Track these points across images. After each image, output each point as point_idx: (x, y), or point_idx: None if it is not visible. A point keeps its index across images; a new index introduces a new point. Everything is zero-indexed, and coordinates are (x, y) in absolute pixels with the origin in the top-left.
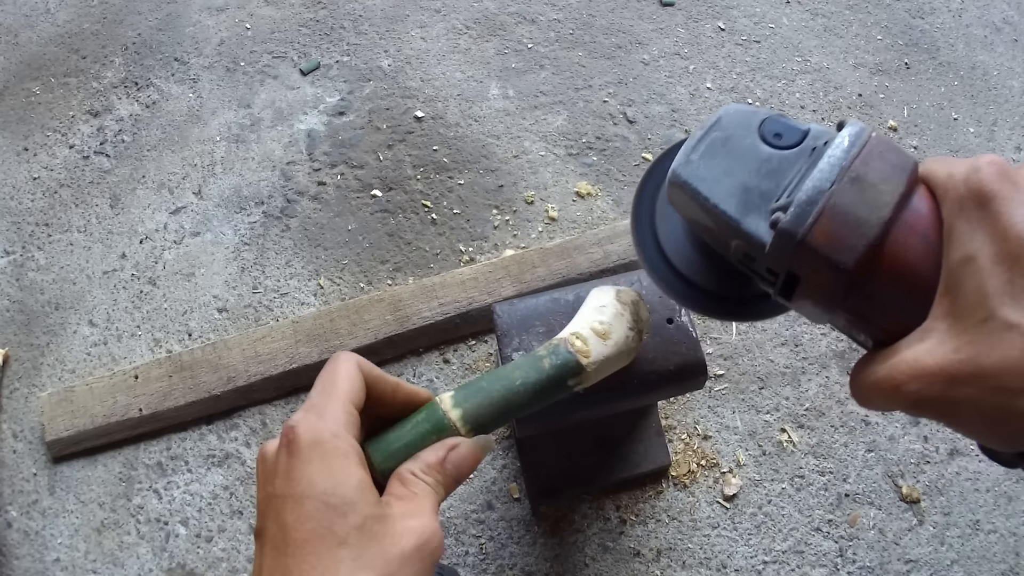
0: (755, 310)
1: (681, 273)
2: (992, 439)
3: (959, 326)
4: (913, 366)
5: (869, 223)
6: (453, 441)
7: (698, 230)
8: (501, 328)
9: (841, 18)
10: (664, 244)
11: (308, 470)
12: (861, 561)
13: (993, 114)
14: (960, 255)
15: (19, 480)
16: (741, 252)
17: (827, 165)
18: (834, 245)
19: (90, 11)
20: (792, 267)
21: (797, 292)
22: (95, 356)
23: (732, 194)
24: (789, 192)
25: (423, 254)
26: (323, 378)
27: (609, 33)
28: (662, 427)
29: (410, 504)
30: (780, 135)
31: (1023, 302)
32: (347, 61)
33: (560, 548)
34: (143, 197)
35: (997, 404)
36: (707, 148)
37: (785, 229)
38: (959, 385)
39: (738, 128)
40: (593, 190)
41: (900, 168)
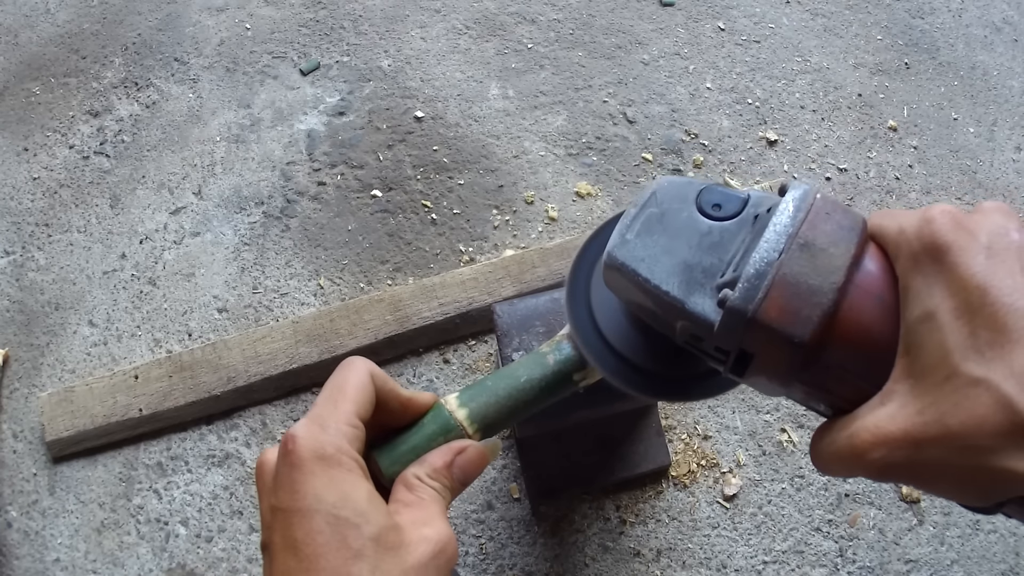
0: (705, 387)
1: (626, 357)
2: (965, 498)
3: (921, 386)
4: (875, 433)
5: (822, 291)
6: (460, 444)
7: (639, 312)
8: (501, 328)
9: (841, 18)
10: (603, 326)
11: (313, 483)
12: (861, 561)
13: (993, 114)
14: (918, 312)
15: (19, 480)
16: (687, 333)
17: (773, 234)
18: (788, 319)
19: (90, 11)
20: (743, 345)
21: (750, 369)
22: (95, 356)
23: (674, 273)
24: (735, 266)
25: (423, 254)
26: (332, 384)
27: (609, 33)
28: (662, 427)
29: (419, 511)
30: (719, 205)
31: (987, 355)
32: (347, 61)
33: (560, 548)
34: (143, 197)
35: (967, 465)
36: (643, 225)
37: (734, 307)
38: (925, 448)
39: (674, 202)
40: (593, 190)
41: (849, 228)
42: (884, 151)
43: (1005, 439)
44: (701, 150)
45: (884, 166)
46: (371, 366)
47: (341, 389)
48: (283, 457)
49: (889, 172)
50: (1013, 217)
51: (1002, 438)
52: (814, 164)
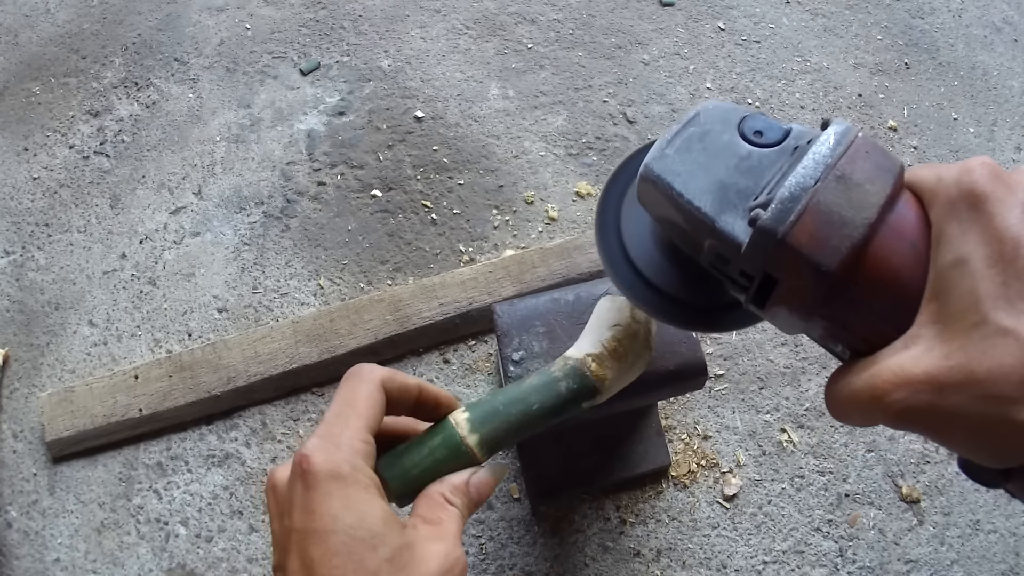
0: (723, 320)
1: (647, 278)
2: (980, 453)
3: (949, 331)
4: (898, 374)
5: (854, 224)
6: (474, 468)
7: (668, 230)
8: (501, 328)
9: (841, 18)
10: (629, 248)
11: (329, 504)
12: (861, 561)
13: (993, 114)
14: (951, 257)
15: (19, 480)
16: (714, 253)
17: (812, 162)
18: (816, 246)
19: (90, 11)
20: (769, 269)
21: (772, 297)
22: (95, 356)
23: (708, 191)
24: (770, 189)
25: (423, 254)
26: (342, 397)
27: (609, 33)
28: (662, 427)
29: (436, 528)
30: (761, 132)
31: (1018, 306)
32: (347, 61)
33: (560, 548)
34: (143, 197)
35: (989, 414)
36: (683, 143)
37: (765, 227)
38: (948, 393)
39: (717, 124)
40: (593, 190)
41: (886, 169)
42: None
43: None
44: None
45: None
46: (381, 373)
47: (351, 403)
48: (298, 477)
49: None
50: None
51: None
52: None
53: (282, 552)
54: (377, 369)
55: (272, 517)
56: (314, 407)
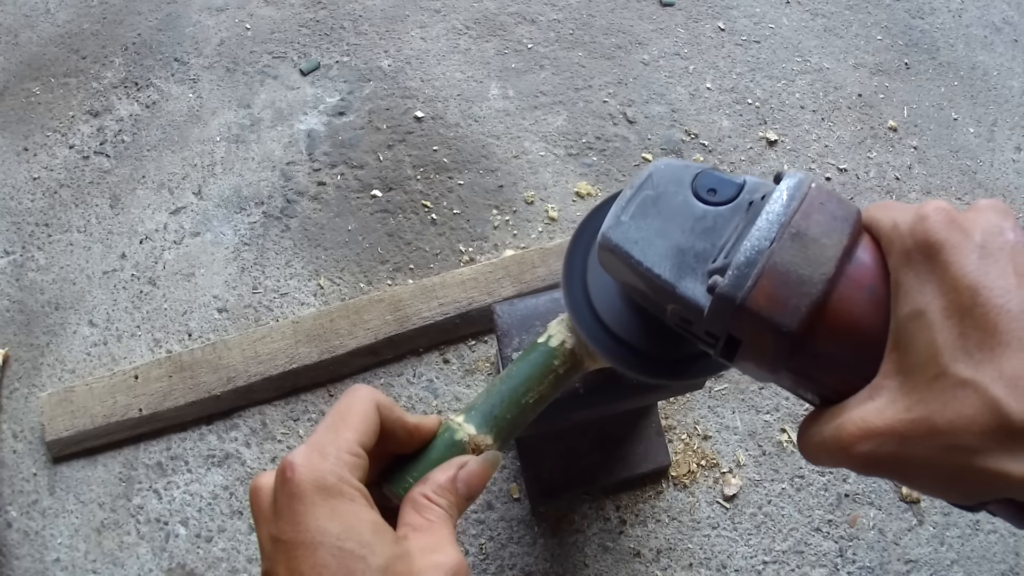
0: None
1: (617, 335)
2: (948, 496)
3: (909, 383)
4: (861, 427)
5: (812, 281)
6: (461, 459)
7: (632, 293)
8: (501, 328)
9: (841, 18)
10: (597, 306)
11: (315, 514)
12: (861, 561)
13: (993, 114)
14: (908, 309)
15: (19, 480)
16: (678, 316)
17: (765, 222)
18: (776, 308)
19: (90, 11)
20: (732, 331)
21: (739, 354)
22: (95, 356)
23: (666, 256)
24: (726, 252)
25: (423, 254)
26: (335, 411)
27: (609, 33)
28: (662, 427)
29: (428, 536)
30: (714, 190)
31: (976, 357)
32: (347, 61)
33: (560, 548)
34: (143, 197)
35: (951, 463)
36: (638, 207)
37: (723, 294)
38: (911, 444)
39: (670, 184)
40: (593, 190)
41: (843, 219)
42: (884, 151)
43: (991, 441)
44: (701, 150)
45: (884, 166)
46: (376, 395)
47: (343, 417)
48: (282, 485)
49: (889, 172)
50: (1009, 216)
51: (988, 439)
52: (814, 164)
53: (270, 561)
54: (376, 392)
55: (257, 523)
56: (314, 407)
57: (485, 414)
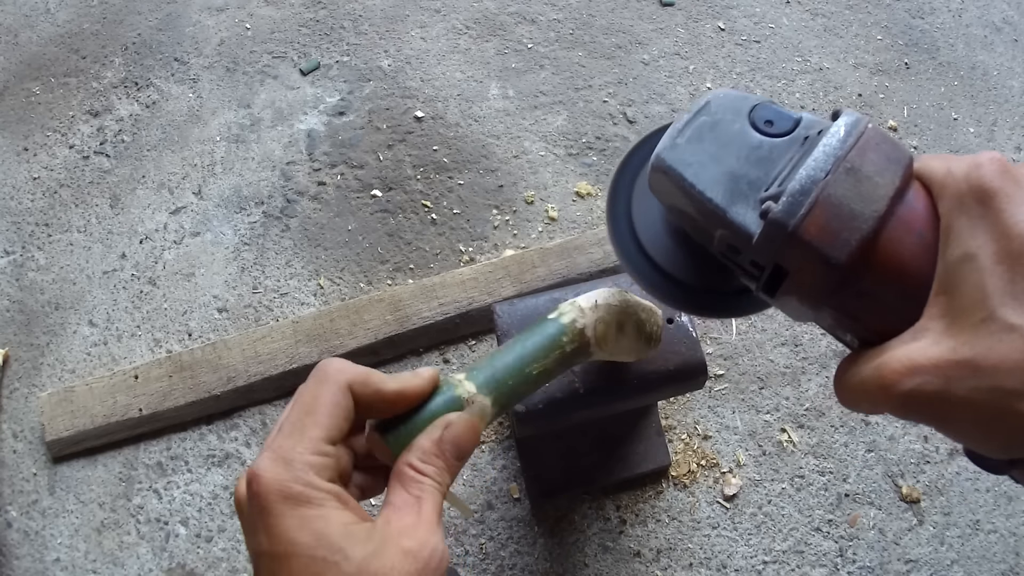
0: (733, 306)
1: (657, 264)
2: (985, 444)
3: (957, 325)
4: (907, 364)
5: (864, 216)
6: (446, 419)
7: (680, 219)
8: (501, 328)
9: (841, 18)
10: (640, 233)
11: (285, 525)
12: (861, 561)
13: (993, 114)
14: (959, 253)
15: (19, 480)
16: (725, 243)
17: (822, 154)
18: (826, 239)
19: (90, 11)
20: (780, 260)
21: (783, 287)
22: (95, 356)
23: (719, 181)
24: (780, 181)
25: (423, 254)
26: (299, 402)
27: (609, 33)
28: (662, 427)
29: (408, 515)
30: (771, 122)
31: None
32: (347, 61)
33: (560, 548)
34: (143, 197)
35: (994, 406)
36: (694, 132)
37: (776, 219)
38: (955, 383)
39: (727, 113)
40: (593, 190)
41: (896, 161)
42: None
43: None
44: None
45: None
46: (347, 373)
47: (309, 411)
48: (250, 499)
49: None
50: None
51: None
52: None
53: (257, 572)
54: (347, 369)
55: (244, 534)
56: None
57: (488, 376)
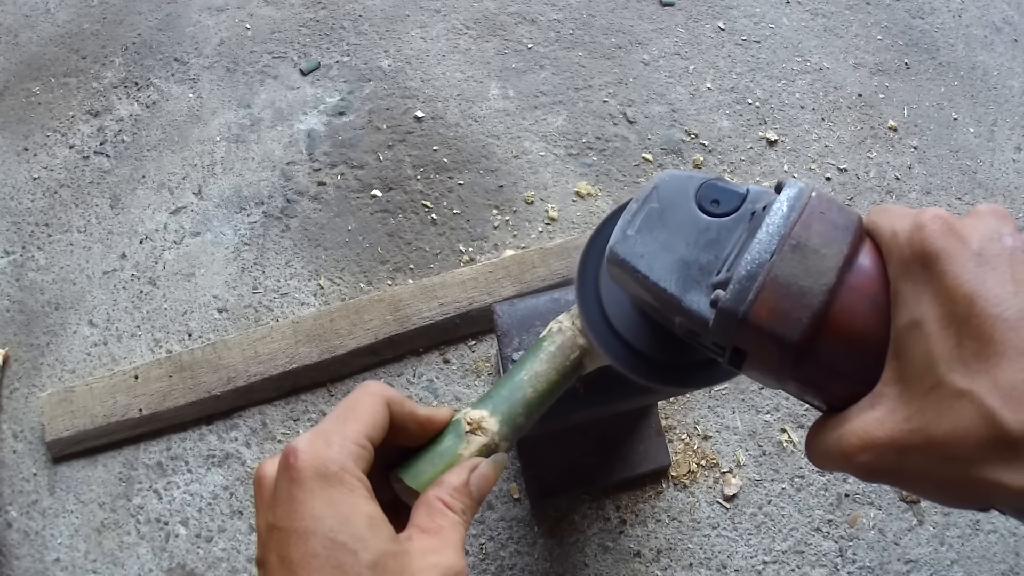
0: (705, 376)
1: (629, 343)
2: (948, 503)
3: (908, 393)
4: (862, 437)
5: (813, 292)
6: (473, 461)
7: (642, 305)
8: (501, 328)
9: (841, 18)
10: (609, 311)
11: (313, 503)
12: (861, 561)
13: (993, 114)
14: (906, 319)
15: (19, 480)
16: (685, 328)
17: (766, 235)
18: (778, 320)
19: (90, 11)
20: (736, 343)
21: (745, 364)
22: (95, 356)
23: (671, 270)
24: (729, 265)
25: (423, 254)
26: (344, 404)
27: (609, 33)
28: (662, 427)
29: (435, 538)
30: (718, 201)
31: (972, 367)
32: (347, 61)
33: (560, 548)
34: (143, 197)
35: (950, 473)
36: (643, 221)
37: (726, 307)
38: (910, 456)
39: (675, 197)
40: (593, 190)
41: (843, 228)
42: (884, 151)
43: (986, 451)
44: (701, 150)
45: (884, 166)
46: (387, 390)
47: (352, 409)
48: (283, 471)
49: (889, 172)
50: (1008, 220)
51: (984, 450)
52: (814, 164)
53: (263, 548)
54: (388, 389)
55: (257, 510)
56: (314, 407)
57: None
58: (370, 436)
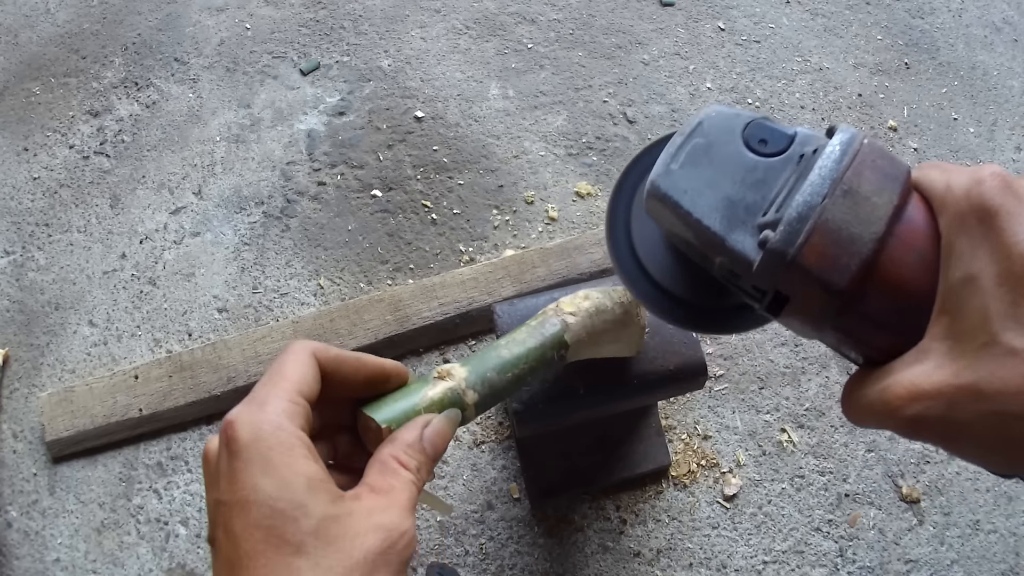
0: (736, 321)
1: (657, 282)
2: (990, 463)
3: (958, 348)
4: (910, 389)
5: (863, 240)
6: (425, 418)
7: (679, 243)
8: (501, 328)
9: (841, 18)
10: (639, 250)
11: (251, 471)
12: (861, 561)
13: (993, 114)
14: (961, 274)
15: (19, 480)
16: (726, 269)
17: (818, 177)
18: (826, 265)
19: (90, 11)
20: (780, 287)
21: (786, 310)
22: (95, 356)
23: (716, 208)
24: (777, 206)
25: (423, 254)
26: (270, 369)
27: (609, 33)
28: (662, 427)
29: (383, 498)
30: (765, 141)
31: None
32: (347, 61)
33: (560, 548)
34: (143, 197)
35: (997, 430)
36: (688, 156)
37: (774, 249)
38: (958, 408)
39: (721, 133)
40: (593, 190)
41: (893, 178)
42: None
43: None
44: None
45: None
46: (312, 344)
47: (279, 371)
48: (223, 445)
49: None
50: None
51: None
52: None
53: (212, 525)
54: (309, 342)
55: (206, 489)
56: None
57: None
58: (301, 391)
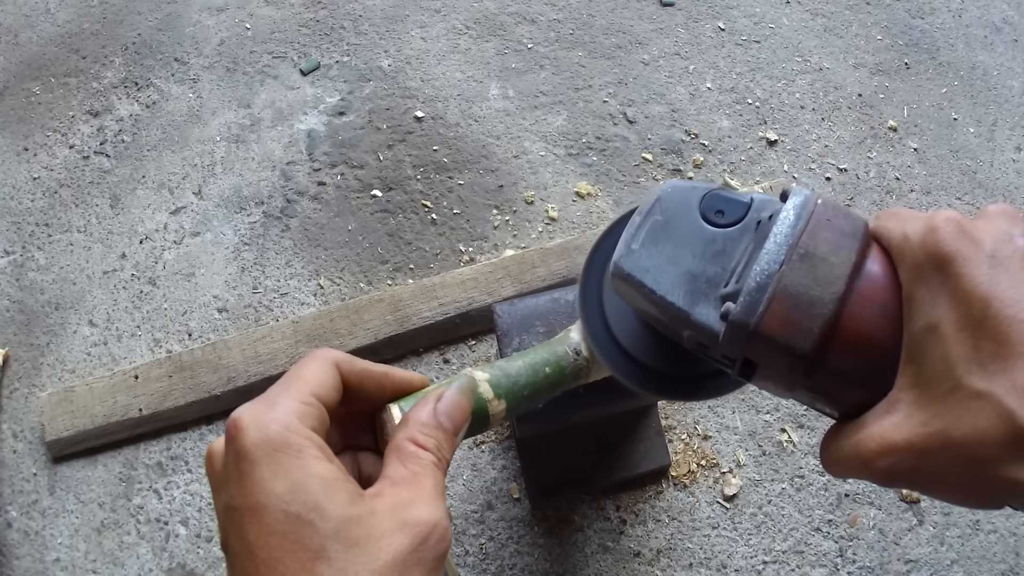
0: (713, 387)
1: (634, 357)
2: (965, 503)
3: (925, 397)
4: (880, 443)
5: (823, 301)
6: (436, 391)
7: (649, 319)
8: (501, 328)
9: (841, 18)
10: (614, 327)
11: (261, 474)
12: (861, 561)
13: (993, 114)
14: (922, 324)
15: (19, 480)
16: (694, 341)
17: (774, 244)
18: (789, 331)
19: (90, 11)
20: (747, 355)
21: (756, 375)
22: (95, 356)
23: (679, 283)
24: (737, 277)
25: (423, 254)
26: (288, 372)
27: (609, 33)
28: (662, 427)
29: (407, 490)
30: (722, 212)
31: (990, 369)
32: (347, 61)
33: (560, 548)
34: (143, 197)
35: (970, 474)
36: (648, 234)
37: (736, 320)
38: (930, 458)
39: (678, 208)
40: (593, 190)
41: (850, 235)
42: (884, 151)
43: (1007, 450)
44: (701, 150)
45: (884, 166)
46: (335, 353)
47: (296, 374)
48: (229, 445)
49: (889, 172)
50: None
51: (1003, 450)
52: (814, 164)
53: (224, 531)
54: (333, 352)
55: (212, 492)
56: None
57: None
58: (317, 393)
